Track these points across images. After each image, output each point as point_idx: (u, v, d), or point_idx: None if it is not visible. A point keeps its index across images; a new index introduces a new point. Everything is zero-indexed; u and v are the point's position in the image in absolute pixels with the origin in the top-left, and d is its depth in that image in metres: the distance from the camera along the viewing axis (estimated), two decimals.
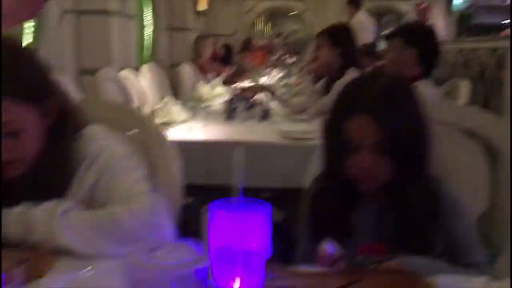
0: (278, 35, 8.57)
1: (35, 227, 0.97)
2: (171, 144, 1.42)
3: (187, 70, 4.32)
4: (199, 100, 3.15)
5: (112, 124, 1.29)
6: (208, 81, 4.07)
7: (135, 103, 3.13)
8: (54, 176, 1.10)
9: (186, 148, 1.61)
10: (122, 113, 1.52)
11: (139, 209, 1.01)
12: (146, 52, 5.29)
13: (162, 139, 1.42)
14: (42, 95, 1.07)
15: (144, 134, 1.39)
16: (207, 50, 4.56)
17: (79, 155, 1.12)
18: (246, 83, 4.01)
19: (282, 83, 4.21)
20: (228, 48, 5.69)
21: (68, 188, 1.10)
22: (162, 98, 3.06)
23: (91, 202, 1.06)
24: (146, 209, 1.02)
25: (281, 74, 4.75)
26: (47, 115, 1.08)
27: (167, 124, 2.32)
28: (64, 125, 1.12)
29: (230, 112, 2.53)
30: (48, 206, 1.00)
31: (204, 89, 3.55)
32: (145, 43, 5.30)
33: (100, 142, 1.15)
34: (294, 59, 6.51)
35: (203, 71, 4.39)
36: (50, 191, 1.06)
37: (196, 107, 2.72)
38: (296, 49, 7.59)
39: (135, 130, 1.38)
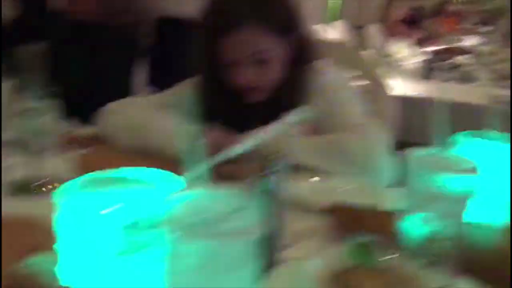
0: (472, 1, 7.84)
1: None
2: (390, 94, 1.41)
3: (374, 32, 4.21)
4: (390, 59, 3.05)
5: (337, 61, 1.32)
6: (396, 44, 3.91)
7: None
8: (288, 105, 1.15)
9: None
10: (347, 53, 1.54)
11: (370, 137, 1.03)
12: (334, 12, 5.27)
13: (383, 87, 1.41)
14: (292, 29, 1.13)
15: (366, 78, 1.40)
16: (397, 13, 4.37)
17: (309, 86, 1.17)
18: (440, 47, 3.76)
19: (478, 49, 3.86)
20: (418, 12, 5.37)
21: None
22: None
23: (317, 131, 1.10)
24: (376, 138, 1.03)
25: (475, 42, 4.35)
26: (292, 48, 1.14)
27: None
28: (302, 57, 1.17)
29: (427, 71, 2.40)
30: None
31: (395, 49, 3.42)
32: (333, 2, 5.27)
33: (328, 75, 1.19)
34: (489, 27, 5.91)
35: (391, 33, 4.23)
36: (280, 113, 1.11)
37: (389, 64, 2.62)
38: (490, 17, 6.88)
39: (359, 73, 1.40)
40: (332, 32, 3.64)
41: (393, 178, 1.02)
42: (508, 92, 2.05)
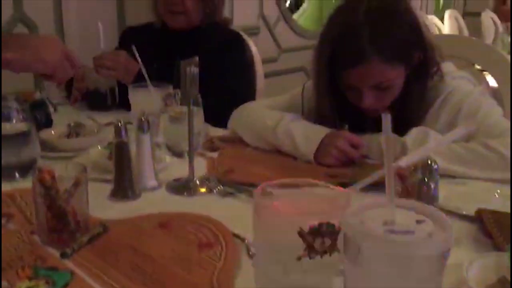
0: None
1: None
2: None
3: (488, 18, 3.99)
4: None
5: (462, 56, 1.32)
6: (508, 29, 3.69)
7: None
8: (408, 112, 1.18)
9: None
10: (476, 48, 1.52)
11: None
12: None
13: None
14: (412, 51, 1.15)
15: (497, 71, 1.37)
16: None
17: (434, 92, 1.17)
18: None
19: None
20: None
21: (422, 123, 1.16)
22: None
23: None
24: None
25: None
26: (411, 65, 1.16)
27: None
28: (423, 66, 1.18)
29: None
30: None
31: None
32: None
33: (452, 80, 1.18)
34: None
35: (506, 19, 3.99)
36: (404, 125, 1.14)
37: None
38: None
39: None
40: (445, 23, 3.50)
41: None
42: None
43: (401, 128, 1.13)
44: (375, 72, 1.14)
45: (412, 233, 0.51)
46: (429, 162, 0.78)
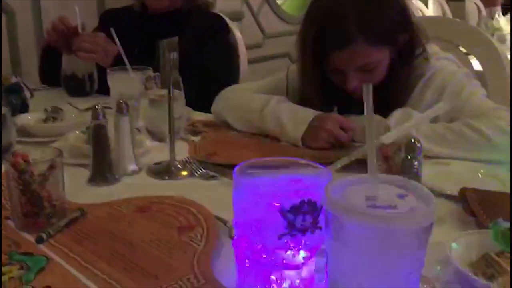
0: None
1: None
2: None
3: (471, 3, 4.00)
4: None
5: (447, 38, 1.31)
6: (492, 14, 3.71)
7: None
8: (393, 93, 1.17)
9: None
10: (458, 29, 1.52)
11: (500, 122, 1.00)
12: None
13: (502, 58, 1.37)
14: (398, 34, 1.14)
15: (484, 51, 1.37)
16: None
17: (418, 72, 1.16)
18: None
19: None
20: None
21: (405, 104, 1.15)
22: None
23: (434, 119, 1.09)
24: (506, 123, 1.00)
25: None
26: (397, 46, 1.15)
27: None
28: (408, 48, 1.17)
29: None
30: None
31: (503, 22, 3.23)
32: None
33: (437, 61, 1.17)
34: None
35: (491, 3, 4.02)
36: (388, 107, 1.13)
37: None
38: None
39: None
40: (430, 7, 3.49)
41: None
42: None
43: (385, 109, 1.11)
44: (361, 54, 1.13)
45: (394, 208, 0.50)
46: (413, 140, 0.77)
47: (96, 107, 0.99)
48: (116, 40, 1.37)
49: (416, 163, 0.74)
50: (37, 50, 2.15)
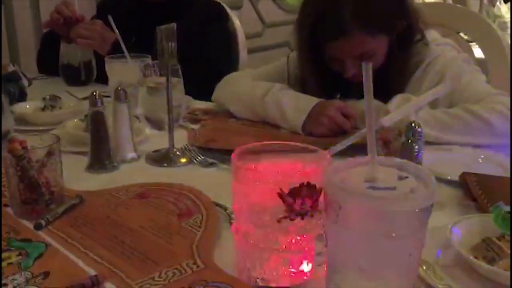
0: None
1: None
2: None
3: None
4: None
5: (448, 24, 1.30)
6: (493, 1, 3.69)
7: None
8: (392, 79, 1.16)
9: None
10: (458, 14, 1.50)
11: (499, 107, 1.00)
12: None
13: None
14: (395, 20, 1.13)
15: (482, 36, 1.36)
16: None
17: (417, 58, 1.16)
18: None
19: None
20: None
21: (405, 90, 1.15)
22: None
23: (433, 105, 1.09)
24: (506, 107, 1.00)
25: None
26: (394, 33, 1.14)
27: None
28: (406, 33, 1.17)
29: None
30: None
31: (504, 9, 3.21)
32: None
33: (436, 47, 1.16)
34: None
35: None
36: (388, 92, 1.12)
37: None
38: None
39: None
40: None
41: None
42: None
43: (384, 96, 1.11)
44: (358, 44, 1.13)
45: (393, 189, 0.49)
46: (413, 124, 0.76)
47: (94, 93, 0.98)
48: (114, 27, 1.36)
49: (416, 147, 0.74)
50: (35, 39, 2.14)
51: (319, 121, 1.13)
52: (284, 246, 0.59)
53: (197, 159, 1.05)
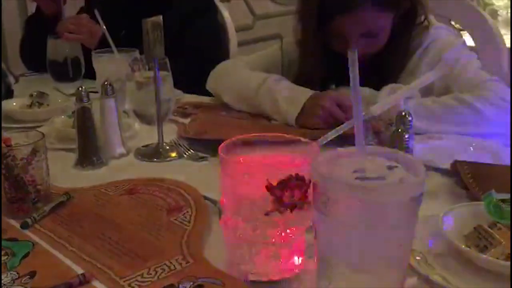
0: None
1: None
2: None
3: None
4: None
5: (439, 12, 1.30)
6: None
7: None
8: (392, 60, 1.16)
9: None
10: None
11: (491, 95, 0.99)
12: None
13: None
14: (399, 2, 1.13)
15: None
16: None
17: (417, 41, 1.15)
18: None
19: None
20: None
21: (403, 73, 1.14)
22: None
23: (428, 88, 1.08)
24: (498, 96, 0.99)
25: None
26: (399, 12, 1.13)
27: None
28: (410, 15, 1.16)
29: None
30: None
31: None
32: None
33: (435, 30, 1.16)
34: None
35: None
36: (386, 74, 1.12)
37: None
38: None
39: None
40: None
41: None
42: None
43: (382, 76, 1.11)
44: (365, 19, 1.12)
45: (382, 179, 0.48)
46: (403, 113, 0.75)
47: (80, 89, 0.96)
48: (100, 21, 1.34)
49: (407, 136, 0.73)
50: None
51: (313, 112, 1.11)
52: (273, 240, 0.58)
53: (187, 153, 1.03)
